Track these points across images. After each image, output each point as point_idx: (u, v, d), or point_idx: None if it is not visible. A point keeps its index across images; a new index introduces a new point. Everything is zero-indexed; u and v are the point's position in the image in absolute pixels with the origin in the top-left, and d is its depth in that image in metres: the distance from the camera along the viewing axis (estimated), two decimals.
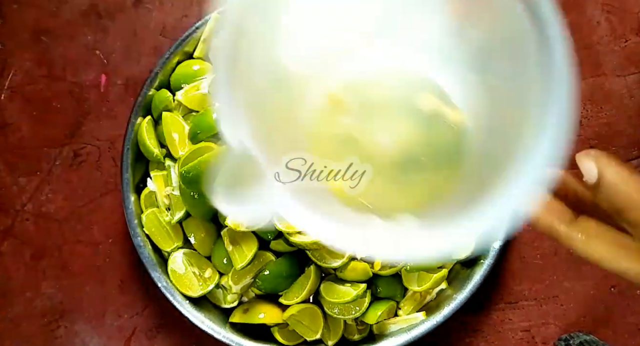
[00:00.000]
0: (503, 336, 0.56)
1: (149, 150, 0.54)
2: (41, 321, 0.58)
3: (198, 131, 0.51)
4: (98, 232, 0.59)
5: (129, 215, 0.53)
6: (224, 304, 0.53)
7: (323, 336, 0.51)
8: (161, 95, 0.55)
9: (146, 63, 0.63)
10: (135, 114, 0.55)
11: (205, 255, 0.53)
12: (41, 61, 0.64)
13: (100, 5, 0.65)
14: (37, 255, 0.59)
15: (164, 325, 0.57)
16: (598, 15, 0.62)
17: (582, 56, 0.61)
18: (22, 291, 0.58)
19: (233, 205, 0.22)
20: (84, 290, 0.58)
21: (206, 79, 0.54)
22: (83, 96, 0.63)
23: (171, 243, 0.53)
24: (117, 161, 0.61)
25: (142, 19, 0.65)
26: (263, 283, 0.50)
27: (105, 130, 0.62)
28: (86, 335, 0.57)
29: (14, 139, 0.62)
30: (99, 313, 0.58)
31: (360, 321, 0.52)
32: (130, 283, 0.58)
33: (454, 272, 0.53)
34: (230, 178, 0.22)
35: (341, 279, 0.51)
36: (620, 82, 0.60)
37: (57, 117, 0.62)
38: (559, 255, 0.56)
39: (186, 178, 0.48)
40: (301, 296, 0.50)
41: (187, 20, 0.64)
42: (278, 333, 0.51)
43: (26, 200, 0.60)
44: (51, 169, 0.61)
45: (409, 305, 0.52)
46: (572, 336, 0.53)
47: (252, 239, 0.50)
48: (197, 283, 0.52)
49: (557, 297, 0.56)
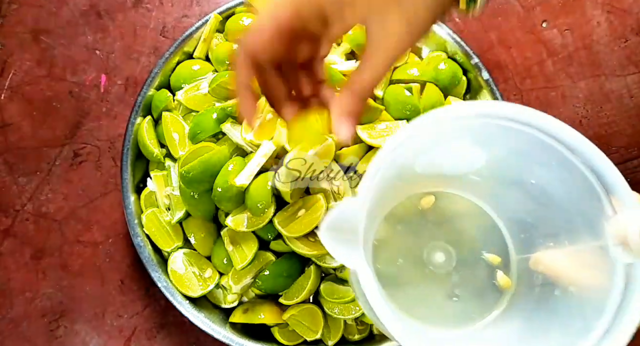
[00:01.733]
0: None
1: (149, 150, 0.54)
2: (41, 321, 0.58)
3: (198, 131, 0.51)
4: (98, 232, 0.59)
5: (129, 215, 0.53)
6: (224, 304, 0.53)
7: (323, 336, 0.51)
8: (161, 95, 0.55)
9: (146, 63, 0.63)
10: (135, 114, 0.55)
11: (205, 255, 0.53)
12: (41, 61, 0.64)
13: (100, 5, 0.65)
14: (37, 255, 0.59)
15: (164, 325, 0.57)
16: (598, 15, 0.62)
17: (582, 56, 0.61)
18: (22, 291, 0.58)
19: (333, 242, 0.25)
20: (84, 290, 0.58)
21: (206, 79, 0.54)
22: (83, 96, 0.63)
23: (171, 243, 0.53)
24: (117, 161, 0.61)
25: (142, 19, 0.65)
26: (263, 283, 0.50)
27: (105, 130, 0.62)
28: (86, 335, 0.57)
29: (14, 139, 0.62)
30: (99, 313, 0.58)
31: (360, 321, 0.52)
32: (130, 283, 0.58)
33: None
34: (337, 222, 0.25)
35: (341, 279, 0.51)
36: (620, 82, 0.60)
37: (57, 117, 0.62)
38: None
39: (186, 178, 0.48)
40: (301, 297, 0.50)
41: (187, 20, 0.64)
42: (278, 333, 0.51)
43: (26, 200, 0.60)
44: (51, 169, 0.61)
45: None
46: None
47: (252, 239, 0.50)
48: (197, 283, 0.52)
49: None
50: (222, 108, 0.51)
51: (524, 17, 0.63)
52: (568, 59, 0.61)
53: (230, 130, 0.50)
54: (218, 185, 0.48)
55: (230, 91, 0.52)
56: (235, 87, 0.33)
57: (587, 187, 0.25)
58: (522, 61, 0.61)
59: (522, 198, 0.32)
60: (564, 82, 0.61)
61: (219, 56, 0.55)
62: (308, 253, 0.48)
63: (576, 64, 0.61)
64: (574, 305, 0.25)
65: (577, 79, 0.61)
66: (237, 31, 0.55)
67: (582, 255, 0.27)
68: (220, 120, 0.51)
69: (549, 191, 0.30)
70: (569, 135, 0.26)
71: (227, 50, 0.55)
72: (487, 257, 0.35)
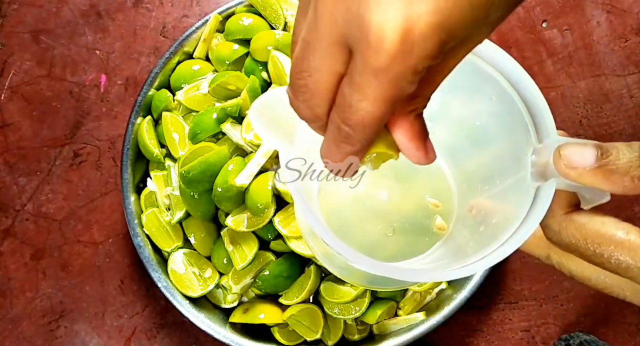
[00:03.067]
0: (503, 336, 0.56)
1: (149, 150, 0.54)
2: (41, 321, 0.58)
3: (198, 131, 0.51)
4: (98, 232, 0.59)
5: (129, 215, 0.53)
6: (224, 304, 0.53)
7: (323, 336, 0.51)
8: (161, 95, 0.55)
9: (146, 63, 0.63)
10: (135, 114, 0.55)
11: (205, 255, 0.53)
12: (41, 61, 0.64)
13: (100, 5, 0.65)
14: (37, 255, 0.59)
15: (164, 325, 0.57)
16: (598, 15, 0.62)
17: (582, 56, 0.61)
18: (22, 291, 0.58)
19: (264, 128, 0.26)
20: (84, 290, 0.58)
21: (206, 79, 0.54)
22: (83, 96, 0.63)
23: (171, 243, 0.53)
24: (117, 161, 0.61)
25: (142, 19, 0.65)
26: (263, 283, 0.50)
27: (105, 130, 0.62)
28: (86, 335, 0.57)
29: (14, 139, 0.62)
30: (99, 313, 0.58)
31: (360, 321, 0.52)
32: (130, 283, 0.58)
33: None
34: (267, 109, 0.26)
35: (341, 279, 0.51)
36: (620, 82, 0.60)
37: (57, 117, 0.62)
38: None
39: (186, 178, 0.48)
40: (301, 297, 0.50)
41: (187, 20, 0.64)
42: (278, 333, 0.51)
43: (26, 200, 0.60)
44: (51, 169, 0.61)
45: (409, 305, 0.52)
46: (572, 336, 0.53)
47: (252, 239, 0.50)
48: (197, 283, 0.52)
49: (557, 297, 0.56)
50: (222, 108, 0.51)
51: (523, 17, 0.63)
52: (568, 58, 0.61)
53: (230, 130, 0.50)
54: (218, 185, 0.48)
55: (231, 91, 0.52)
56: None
57: (519, 120, 0.26)
58: (521, 61, 0.61)
59: (468, 145, 0.33)
60: (564, 82, 0.61)
61: (219, 56, 0.55)
62: (308, 253, 0.48)
63: (576, 64, 0.61)
64: (493, 234, 0.27)
65: (577, 79, 0.61)
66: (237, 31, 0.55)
67: (505, 193, 0.29)
68: (220, 120, 0.51)
69: (489, 131, 0.30)
70: (510, 66, 0.27)
71: (227, 50, 0.55)
72: (430, 202, 0.36)
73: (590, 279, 0.26)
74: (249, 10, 0.56)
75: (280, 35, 0.52)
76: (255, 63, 0.54)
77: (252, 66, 0.54)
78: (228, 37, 0.56)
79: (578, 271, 0.27)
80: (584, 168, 0.22)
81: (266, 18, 0.55)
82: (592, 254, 0.23)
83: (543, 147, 0.25)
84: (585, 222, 0.23)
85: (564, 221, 0.24)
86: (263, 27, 0.55)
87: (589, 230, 0.23)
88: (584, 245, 0.23)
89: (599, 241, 0.23)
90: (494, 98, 0.28)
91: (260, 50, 0.53)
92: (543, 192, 0.24)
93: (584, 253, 0.23)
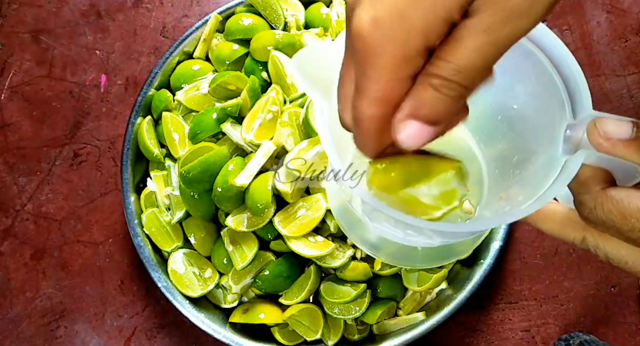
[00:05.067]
0: (503, 336, 0.56)
1: (149, 150, 0.54)
2: (41, 321, 0.58)
3: (198, 131, 0.51)
4: (98, 232, 0.59)
5: (129, 215, 0.53)
6: (224, 304, 0.53)
7: (323, 336, 0.51)
8: (161, 95, 0.55)
9: (146, 63, 0.63)
10: (135, 114, 0.55)
11: (205, 255, 0.53)
12: (41, 61, 0.64)
13: (100, 5, 0.65)
14: (37, 255, 0.59)
15: (164, 325, 0.57)
16: (598, 15, 0.62)
17: (582, 56, 0.61)
18: (22, 291, 0.58)
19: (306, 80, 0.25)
20: (84, 290, 0.58)
21: (206, 79, 0.54)
22: (83, 96, 0.63)
23: (171, 243, 0.53)
24: (117, 161, 0.61)
25: (142, 19, 0.65)
26: (263, 283, 0.50)
27: (105, 130, 0.62)
28: (86, 335, 0.57)
29: (14, 139, 0.62)
30: (99, 313, 0.58)
31: (360, 321, 0.52)
32: (130, 283, 0.58)
33: (454, 272, 0.53)
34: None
35: (341, 279, 0.51)
36: (620, 82, 0.60)
37: (57, 117, 0.62)
38: (559, 255, 0.56)
39: (186, 178, 0.48)
40: (301, 297, 0.50)
41: (187, 20, 0.64)
42: (278, 333, 0.51)
43: (26, 200, 0.60)
44: (51, 169, 0.61)
45: (409, 305, 0.52)
46: (572, 336, 0.53)
47: (252, 239, 0.50)
48: (197, 283, 0.52)
49: (557, 297, 0.56)
50: (222, 108, 0.51)
51: None
52: None
53: (230, 130, 0.50)
54: (218, 185, 0.48)
55: (231, 91, 0.52)
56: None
57: (556, 99, 0.26)
58: None
59: (506, 129, 0.32)
60: None
61: (219, 56, 0.55)
62: (308, 253, 0.48)
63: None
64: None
65: None
66: (237, 31, 0.55)
67: (536, 172, 0.28)
68: (220, 120, 0.51)
69: (526, 114, 0.30)
70: (551, 41, 0.26)
71: (227, 50, 0.55)
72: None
73: (627, 262, 0.25)
74: (249, 10, 0.56)
75: (280, 35, 0.52)
76: (255, 63, 0.54)
77: (252, 66, 0.54)
78: (228, 37, 0.56)
79: (614, 253, 0.25)
80: (618, 139, 0.22)
81: (266, 18, 0.55)
82: (630, 230, 0.22)
83: (578, 122, 0.24)
84: (623, 197, 0.23)
85: (599, 196, 0.23)
86: (263, 27, 0.55)
87: (626, 205, 0.22)
88: (620, 221, 0.22)
89: (637, 216, 0.22)
90: (533, 79, 0.27)
91: (260, 50, 0.53)
92: (571, 160, 0.23)
93: (621, 229, 0.23)
